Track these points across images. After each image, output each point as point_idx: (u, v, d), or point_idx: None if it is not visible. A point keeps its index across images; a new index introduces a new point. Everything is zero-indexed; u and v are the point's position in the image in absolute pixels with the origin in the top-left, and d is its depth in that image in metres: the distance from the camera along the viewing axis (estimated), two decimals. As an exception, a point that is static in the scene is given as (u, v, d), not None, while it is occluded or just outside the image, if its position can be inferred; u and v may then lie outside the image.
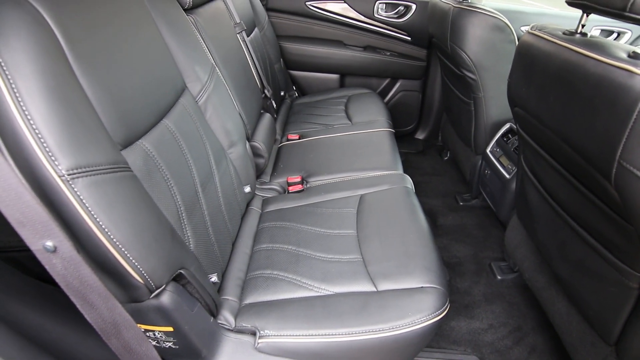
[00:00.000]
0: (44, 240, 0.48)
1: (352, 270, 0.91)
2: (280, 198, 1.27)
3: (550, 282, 1.10)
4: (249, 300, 0.90)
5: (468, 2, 1.49)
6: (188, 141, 0.89)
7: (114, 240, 0.56)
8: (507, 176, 1.40)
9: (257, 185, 1.32)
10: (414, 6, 2.01)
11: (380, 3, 2.03)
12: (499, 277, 1.42)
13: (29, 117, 0.50)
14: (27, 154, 0.50)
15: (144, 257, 0.60)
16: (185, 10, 1.08)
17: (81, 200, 0.53)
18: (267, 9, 2.02)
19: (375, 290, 0.86)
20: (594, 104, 0.68)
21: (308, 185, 1.32)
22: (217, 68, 1.15)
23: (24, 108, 0.50)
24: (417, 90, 2.22)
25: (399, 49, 2.12)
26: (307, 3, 2.05)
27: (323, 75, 2.19)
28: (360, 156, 1.42)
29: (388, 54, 2.13)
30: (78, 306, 0.54)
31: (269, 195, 1.31)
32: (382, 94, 2.20)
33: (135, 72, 0.77)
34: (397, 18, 2.05)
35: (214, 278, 0.88)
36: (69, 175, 0.52)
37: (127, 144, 0.69)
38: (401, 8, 2.03)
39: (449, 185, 1.97)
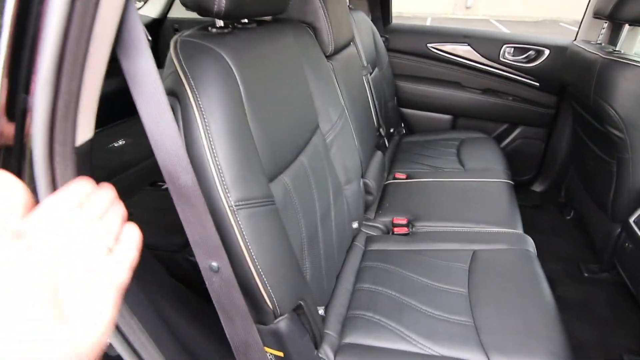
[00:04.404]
0: (212, 260, 0.56)
1: (462, 334, 0.86)
2: (384, 238, 1.26)
3: None
4: (349, 339, 0.90)
5: (620, 53, 1.34)
6: (316, 177, 0.95)
7: (259, 267, 0.63)
8: (658, 256, 1.18)
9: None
10: (547, 51, 1.87)
11: (507, 47, 1.94)
12: (634, 376, 1.19)
13: (215, 155, 0.60)
14: (209, 185, 0.60)
15: (277, 286, 0.66)
16: (326, 57, 1.19)
17: (241, 229, 0.61)
18: (388, 50, 2.09)
19: (488, 363, 0.79)
20: None
21: (414, 230, 1.29)
22: (345, 110, 1.22)
23: (212, 147, 0.60)
24: (539, 138, 2.03)
25: (523, 94, 1.98)
26: (428, 45, 2.06)
27: (435, 115, 2.16)
28: (473, 207, 1.34)
29: (510, 98, 2.00)
30: (222, 321, 0.61)
31: (372, 233, 1.31)
32: (498, 139, 2.07)
33: (285, 111, 0.85)
34: (526, 63, 1.93)
35: (321, 311, 0.91)
36: (236, 206, 0.61)
37: (272, 178, 0.77)
38: (532, 53, 1.91)
39: (571, 250, 1.73)
